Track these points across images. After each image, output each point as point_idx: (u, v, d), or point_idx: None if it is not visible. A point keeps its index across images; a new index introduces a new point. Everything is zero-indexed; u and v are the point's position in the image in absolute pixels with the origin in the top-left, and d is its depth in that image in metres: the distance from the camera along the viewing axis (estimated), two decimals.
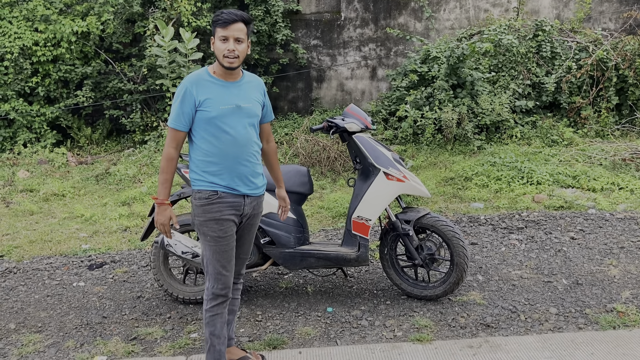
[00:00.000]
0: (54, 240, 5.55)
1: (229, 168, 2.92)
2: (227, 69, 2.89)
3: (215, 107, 2.87)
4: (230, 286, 3.03)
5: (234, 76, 2.96)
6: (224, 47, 2.84)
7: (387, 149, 4.02)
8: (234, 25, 2.84)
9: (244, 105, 2.94)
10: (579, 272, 4.41)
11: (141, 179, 7.42)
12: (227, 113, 2.88)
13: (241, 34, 2.86)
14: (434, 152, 7.88)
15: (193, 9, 8.69)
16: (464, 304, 4.01)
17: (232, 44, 2.84)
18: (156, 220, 3.00)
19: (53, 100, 9.13)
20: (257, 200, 3.09)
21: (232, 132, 2.90)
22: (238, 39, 2.86)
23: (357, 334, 3.69)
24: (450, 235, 3.89)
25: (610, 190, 6.25)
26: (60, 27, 8.56)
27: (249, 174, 2.98)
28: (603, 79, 8.49)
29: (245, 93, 2.97)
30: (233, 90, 2.94)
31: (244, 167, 2.96)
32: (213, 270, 2.99)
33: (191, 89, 2.88)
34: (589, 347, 3.43)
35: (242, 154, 2.95)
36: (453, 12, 9.77)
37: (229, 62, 2.86)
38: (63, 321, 3.99)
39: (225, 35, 2.84)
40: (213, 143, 2.90)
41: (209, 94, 2.88)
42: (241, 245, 3.14)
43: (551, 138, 8.10)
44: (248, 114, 2.96)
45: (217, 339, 3.05)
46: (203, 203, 2.93)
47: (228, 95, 2.91)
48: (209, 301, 3.02)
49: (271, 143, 3.28)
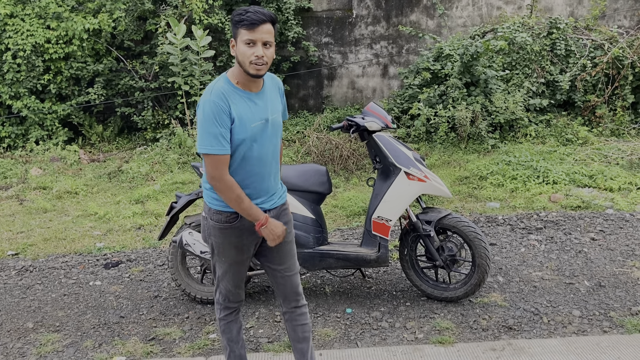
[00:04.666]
0: (68, 238, 5.53)
1: (255, 188, 2.62)
2: (254, 77, 2.50)
3: (246, 128, 2.50)
4: (242, 298, 2.89)
5: (258, 85, 2.58)
6: (250, 53, 2.42)
7: (407, 148, 3.97)
8: (263, 27, 2.42)
9: (271, 117, 2.61)
10: (601, 274, 4.35)
11: (154, 176, 7.40)
12: (257, 131, 2.54)
13: (270, 36, 2.45)
14: (447, 151, 7.82)
15: (205, 6, 8.65)
16: (485, 305, 3.96)
17: (261, 49, 2.43)
18: (273, 237, 2.61)
19: (65, 98, 9.12)
20: (280, 209, 2.77)
21: (260, 151, 2.57)
22: (267, 43, 2.45)
23: (377, 336, 3.65)
24: (472, 236, 3.84)
25: (628, 190, 6.18)
26: (72, 24, 8.54)
27: (271, 189, 2.71)
28: (618, 77, 8.40)
29: (271, 103, 2.64)
30: (259, 103, 2.57)
31: (267, 183, 2.67)
32: (224, 288, 2.82)
33: (221, 103, 2.44)
34: (615, 352, 3.37)
35: (268, 170, 2.65)
36: (465, 10, 9.69)
37: (257, 69, 2.46)
38: (81, 320, 3.97)
39: (252, 38, 2.42)
40: (241, 164, 2.56)
41: (238, 109, 2.49)
42: (281, 263, 2.80)
43: (566, 137, 8.02)
44: (275, 126, 2.64)
45: (235, 344, 2.95)
46: (222, 227, 2.64)
47: (257, 110, 2.55)
48: (221, 311, 2.89)
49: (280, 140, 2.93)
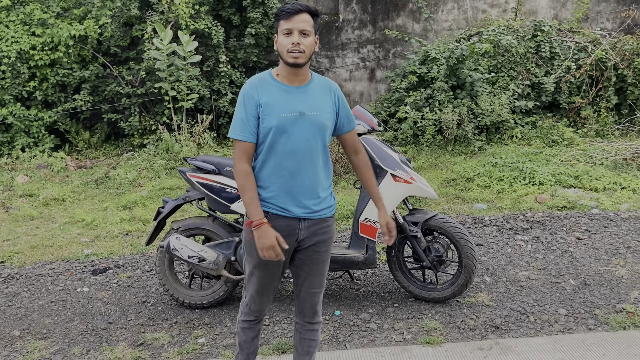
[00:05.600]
0: (55, 245, 5.50)
1: (284, 185, 2.57)
2: (292, 66, 2.51)
3: (275, 115, 2.52)
4: (265, 309, 2.82)
5: (300, 79, 2.59)
6: (287, 42, 2.49)
7: (393, 151, 4.00)
8: (299, 16, 2.50)
9: (309, 113, 2.55)
10: (586, 273, 4.39)
11: (141, 182, 7.38)
12: (287, 122, 2.52)
13: (307, 25, 2.50)
14: (434, 153, 7.86)
15: (191, 11, 8.66)
16: (472, 305, 3.98)
17: (297, 37, 2.48)
18: (260, 246, 2.52)
19: (51, 105, 9.07)
20: (320, 224, 2.66)
21: (291, 144, 2.53)
22: (304, 32, 2.50)
23: (366, 337, 3.66)
24: (459, 237, 3.87)
25: (612, 190, 6.25)
26: (58, 30, 8.51)
27: (308, 192, 2.60)
28: (602, 79, 8.51)
29: (313, 99, 2.59)
30: (298, 96, 2.56)
31: (301, 184, 2.58)
32: (250, 290, 2.77)
33: (252, 91, 2.54)
34: (600, 348, 3.41)
35: (301, 169, 2.56)
36: (451, 13, 9.77)
37: (294, 57, 2.49)
38: (68, 327, 3.95)
39: (289, 28, 2.49)
40: (269, 155, 2.56)
41: (270, 98, 2.54)
42: (308, 278, 2.74)
43: (551, 138, 8.10)
44: (313, 124, 2.56)
45: (246, 349, 2.89)
46: None
47: (291, 101, 2.54)
48: (243, 314, 2.83)
49: (361, 155, 2.79)
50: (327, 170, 2.68)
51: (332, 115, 2.65)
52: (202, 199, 4.05)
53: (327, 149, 2.66)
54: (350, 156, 2.81)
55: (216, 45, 8.98)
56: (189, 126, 8.64)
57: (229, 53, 9.21)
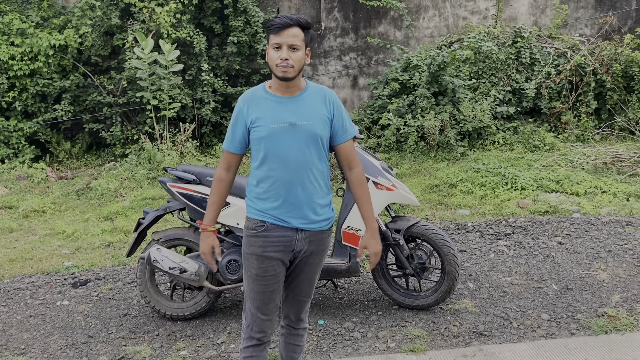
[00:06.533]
0: (35, 258, 5.41)
1: (280, 196, 2.59)
2: (282, 80, 2.54)
3: (265, 126, 2.55)
4: (267, 331, 2.71)
5: (292, 89, 2.60)
6: (277, 56, 2.51)
7: (375, 158, 4.00)
8: (288, 31, 2.50)
9: (300, 123, 2.56)
10: (568, 277, 4.42)
11: (123, 193, 7.31)
12: (278, 132, 2.54)
13: (296, 40, 2.51)
14: (417, 160, 7.89)
15: (172, 20, 8.62)
16: (455, 312, 3.98)
17: (286, 52, 2.49)
18: (200, 248, 2.74)
19: (31, 115, 8.97)
20: (317, 236, 2.68)
21: (283, 154, 2.55)
22: (293, 46, 2.50)
23: (349, 346, 3.64)
24: (441, 243, 3.88)
25: (593, 194, 6.31)
26: (37, 40, 8.43)
27: (304, 203, 2.60)
28: (582, 84, 8.61)
29: (305, 109, 2.59)
30: (289, 107, 2.58)
31: (296, 195, 2.59)
32: (249, 309, 2.70)
33: (243, 107, 2.61)
34: (582, 353, 3.43)
35: (295, 180, 2.57)
36: (432, 20, 9.84)
37: (283, 71, 2.50)
38: (47, 342, 3.88)
39: (278, 42, 2.51)
40: (263, 166, 2.59)
41: (260, 112, 2.58)
42: (298, 284, 2.76)
43: (533, 143, 8.18)
44: (305, 134, 2.56)
45: None
46: (249, 233, 2.64)
47: (282, 112, 2.57)
48: (245, 340, 2.73)
49: (355, 169, 2.73)
50: (324, 181, 2.68)
51: (326, 124, 2.63)
52: (183, 210, 4.01)
53: (324, 160, 2.66)
54: (345, 171, 2.77)
55: (198, 54, 8.95)
56: (172, 135, 8.59)
57: (211, 61, 9.18)
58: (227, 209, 3.77)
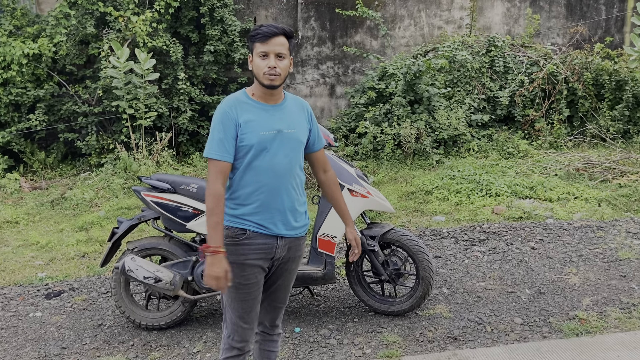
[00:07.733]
0: (7, 269, 5.33)
1: (264, 203, 2.59)
2: (268, 88, 2.57)
3: (255, 133, 2.55)
4: (249, 340, 2.70)
5: (275, 98, 2.64)
6: (264, 64, 2.53)
7: (350, 166, 4.03)
8: (275, 39, 2.54)
9: (286, 130, 2.61)
10: (541, 282, 4.49)
11: (99, 202, 7.23)
12: (267, 139, 2.56)
13: (283, 48, 2.55)
14: (394, 167, 7.95)
15: (149, 29, 8.59)
16: (430, 317, 4.02)
17: (273, 60, 2.53)
18: (207, 272, 2.49)
19: (4, 125, 8.84)
20: (295, 242, 2.72)
21: (270, 161, 2.58)
22: (279, 55, 2.55)
23: (325, 354, 3.65)
24: (415, 249, 3.92)
25: (566, 199, 6.42)
26: (10, 49, 8.33)
27: (287, 210, 2.64)
28: (554, 92, 8.78)
29: (289, 117, 2.65)
30: (275, 114, 2.62)
31: (281, 202, 2.62)
32: (230, 318, 2.68)
33: (229, 111, 2.56)
34: (554, 356, 3.48)
35: (280, 186, 2.61)
36: (408, 30, 9.96)
37: (270, 80, 2.54)
38: (19, 354, 3.82)
39: (265, 51, 2.53)
40: (247, 172, 2.58)
41: (249, 116, 2.57)
42: (275, 291, 2.79)
43: (507, 150, 8.30)
44: (290, 141, 2.62)
45: None
46: (229, 242, 2.59)
47: (269, 120, 2.59)
48: (224, 351, 2.70)
49: (329, 172, 2.87)
50: (302, 188, 2.74)
51: (306, 132, 2.72)
52: (157, 219, 3.99)
53: (302, 167, 2.72)
54: (319, 174, 2.87)
55: (175, 63, 8.92)
56: (148, 144, 8.54)
57: (187, 70, 9.16)
58: (202, 217, 3.77)
